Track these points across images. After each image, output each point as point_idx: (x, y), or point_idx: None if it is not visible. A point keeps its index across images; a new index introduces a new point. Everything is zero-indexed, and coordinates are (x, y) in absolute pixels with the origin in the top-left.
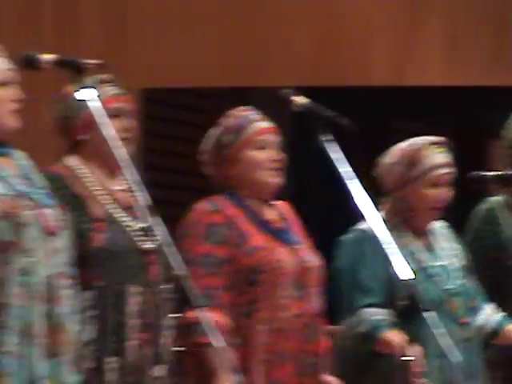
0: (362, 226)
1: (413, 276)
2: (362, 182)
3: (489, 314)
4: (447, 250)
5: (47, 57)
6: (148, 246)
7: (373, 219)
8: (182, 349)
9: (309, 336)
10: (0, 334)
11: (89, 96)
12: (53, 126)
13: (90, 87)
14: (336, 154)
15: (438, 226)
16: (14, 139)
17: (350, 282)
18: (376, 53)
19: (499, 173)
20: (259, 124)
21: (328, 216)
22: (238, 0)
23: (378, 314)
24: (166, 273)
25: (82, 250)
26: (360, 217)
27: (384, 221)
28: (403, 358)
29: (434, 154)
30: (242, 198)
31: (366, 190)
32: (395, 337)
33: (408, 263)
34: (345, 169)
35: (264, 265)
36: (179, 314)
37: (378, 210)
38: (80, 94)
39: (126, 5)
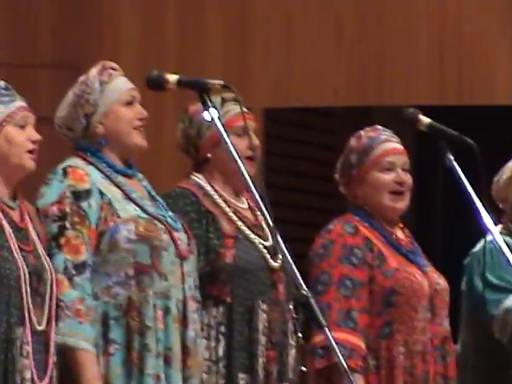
0: (489, 238)
1: None
2: (485, 201)
3: None
4: None
5: (172, 77)
6: (275, 264)
7: (498, 236)
8: (307, 369)
9: (440, 358)
10: (144, 357)
11: (214, 115)
12: (177, 145)
13: (215, 106)
14: (460, 174)
15: None
16: (138, 158)
17: (484, 290)
18: (499, 72)
19: None
20: (387, 145)
21: (450, 235)
22: (359, 19)
23: None
24: (291, 291)
25: (212, 266)
26: (485, 234)
27: (506, 235)
28: None
29: None
30: (372, 218)
31: (489, 209)
32: None
33: None
34: (468, 188)
35: (402, 287)
36: (304, 334)
37: (498, 227)
38: (205, 113)
39: (250, 24)
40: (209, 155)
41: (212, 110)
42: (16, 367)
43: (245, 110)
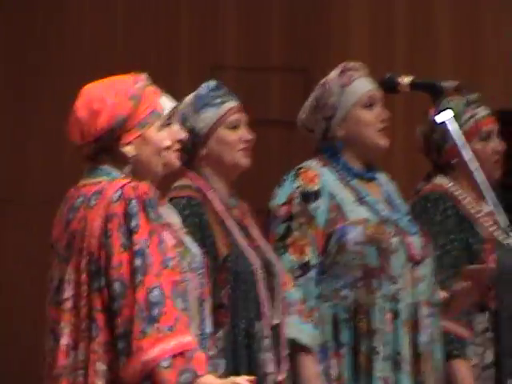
0: None
1: None
2: None
3: None
4: None
5: (405, 79)
6: None
7: None
8: None
9: None
10: (372, 360)
11: (450, 118)
12: (418, 147)
13: (448, 109)
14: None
15: None
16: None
17: None
18: None
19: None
20: None
21: None
22: None
23: None
24: None
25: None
26: None
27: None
28: None
29: None
30: None
31: None
32: None
33: None
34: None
35: None
36: None
37: None
38: (440, 117)
39: (480, 23)
40: (453, 161)
41: (447, 112)
42: (258, 362)
43: (489, 111)
